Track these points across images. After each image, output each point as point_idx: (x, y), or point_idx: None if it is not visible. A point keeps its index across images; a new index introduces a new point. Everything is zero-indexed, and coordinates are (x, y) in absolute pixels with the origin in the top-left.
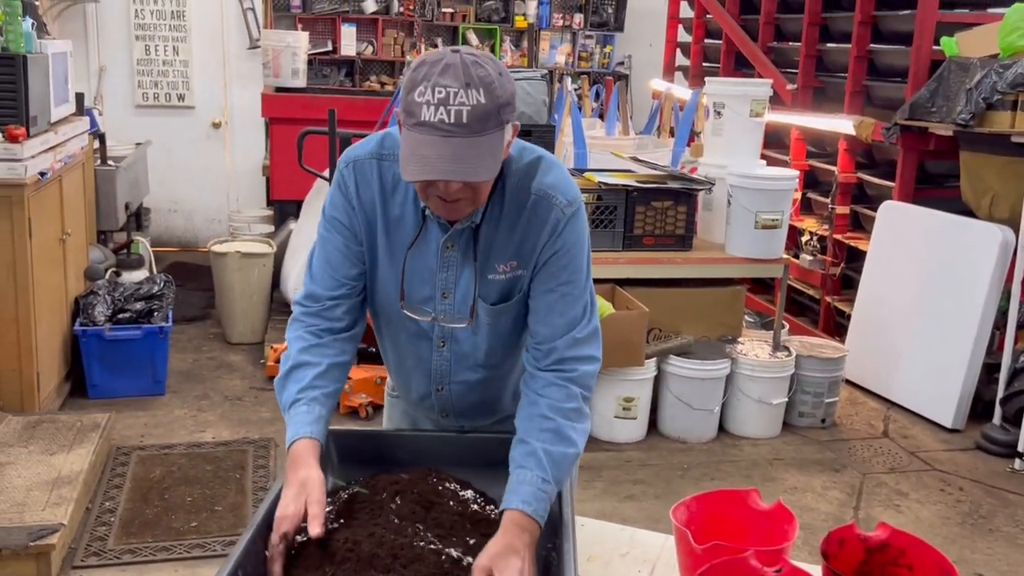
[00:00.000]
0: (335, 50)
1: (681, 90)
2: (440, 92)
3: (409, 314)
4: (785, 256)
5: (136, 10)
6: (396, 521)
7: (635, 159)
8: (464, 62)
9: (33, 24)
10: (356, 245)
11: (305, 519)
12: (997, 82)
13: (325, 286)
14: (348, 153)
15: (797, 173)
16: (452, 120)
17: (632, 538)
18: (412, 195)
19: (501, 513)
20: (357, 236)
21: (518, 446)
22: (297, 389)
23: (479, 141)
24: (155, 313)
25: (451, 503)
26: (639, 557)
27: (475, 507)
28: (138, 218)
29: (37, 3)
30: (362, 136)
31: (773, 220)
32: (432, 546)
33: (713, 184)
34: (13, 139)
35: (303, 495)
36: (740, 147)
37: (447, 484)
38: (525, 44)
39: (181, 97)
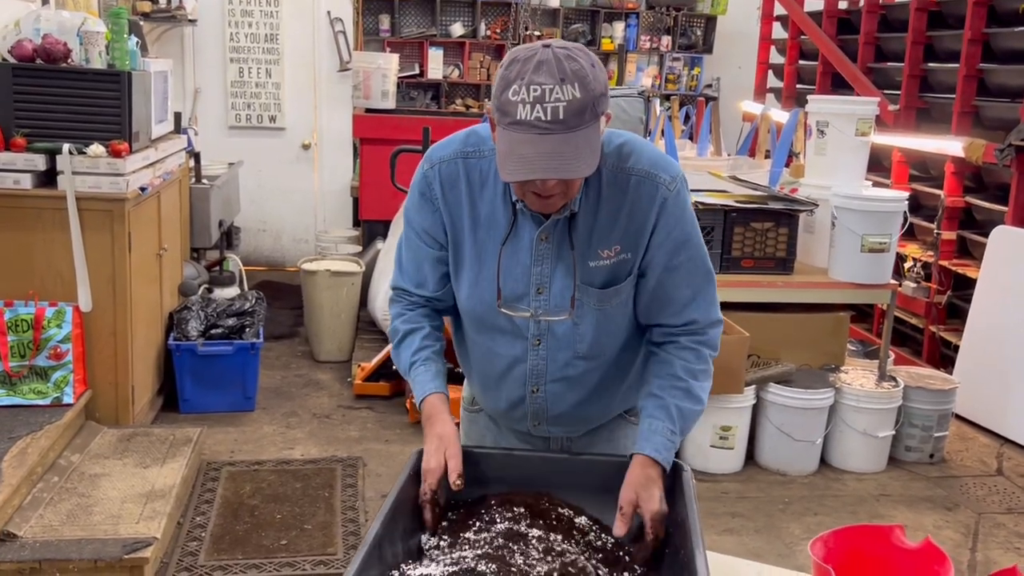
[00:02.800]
0: (422, 73)
1: (778, 111)
2: (535, 90)
3: (507, 312)
4: (893, 281)
5: (231, 33)
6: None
7: (734, 178)
8: (557, 56)
9: (137, 42)
10: (441, 251)
11: (446, 472)
12: None
13: (414, 284)
14: (432, 154)
15: (906, 194)
16: (549, 117)
17: (760, 574)
18: (501, 191)
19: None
20: (441, 243)
21: (650, 399)
22: (411, 353)
23: (576, 136)
24: (247, 329)
25: (571, 532)
26: None
27: (591, 536)
28: (229, 236)
29: (142, 23)
30: None
31: (880, 243)
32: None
33: (816, 205)
34: (117, 154)
35: (442, 448)
36: (844, 167)
37: (560, 510)
38: (612, 66)
39: (273, 119)
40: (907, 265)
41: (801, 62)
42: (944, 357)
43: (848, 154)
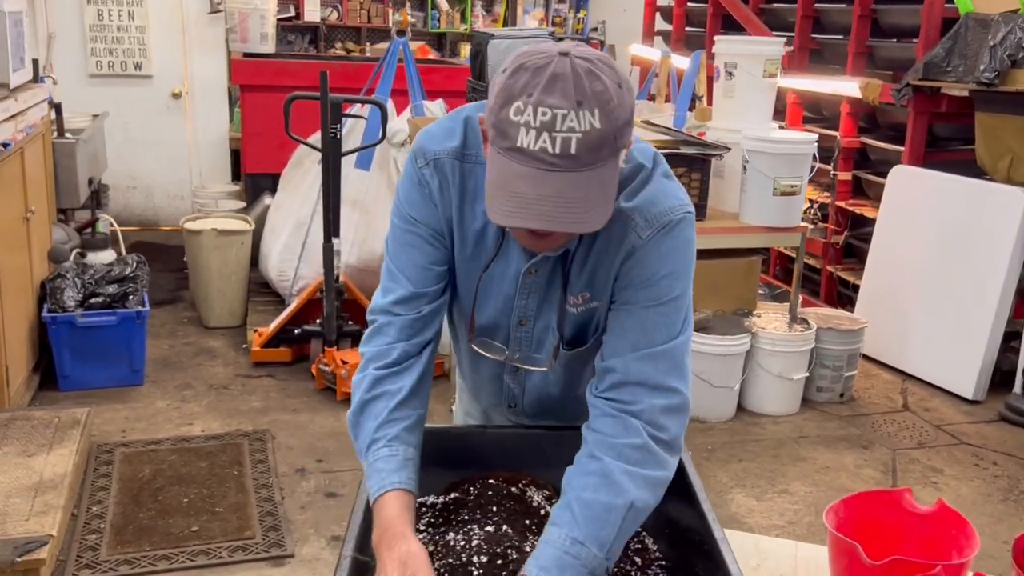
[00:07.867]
0: (298, 15)
1: (678, 57)
2: (544, 113)
3: (478, 350)
4: (803, 224)
5: None
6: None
7: (647, 123)
8: (576, 71)
9: None
10: (444, 240)
11: None
12: (1023, 38)
13: (420, 284)
14: (426, 146)
15: (815, 136)
16: (557, 150)
17: (758, 547)
18: None
19: None
20: (442, 234)
21: (560, 495)
22: (375, 426)
23: (588, 176)
24: (130, 297)
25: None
26: (773, 571)
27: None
28: (97, 196)
29: None
30: (354, 101)
31: (792, 186)
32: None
33: (728, 149)
34: None
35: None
36: (753, 110)
37: (531, 493)
38: (497, 9)
39: (138, 65)
40: (804, 207)
41: (690, 4)
42: (841, 296)
43: (757, 95)
